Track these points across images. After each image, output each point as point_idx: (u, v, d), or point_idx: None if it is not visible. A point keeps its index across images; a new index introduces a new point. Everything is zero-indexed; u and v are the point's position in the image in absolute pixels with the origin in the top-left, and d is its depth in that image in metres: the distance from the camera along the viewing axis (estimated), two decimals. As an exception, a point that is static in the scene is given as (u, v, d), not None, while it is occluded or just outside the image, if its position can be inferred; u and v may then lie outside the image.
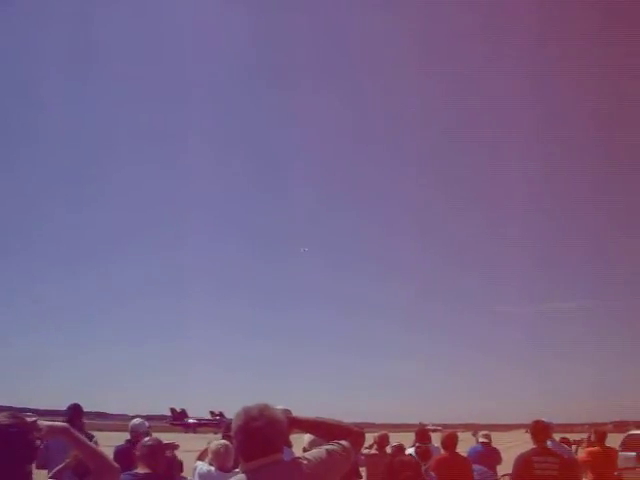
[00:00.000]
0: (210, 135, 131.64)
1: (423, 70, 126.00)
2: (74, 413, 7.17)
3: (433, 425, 58.12)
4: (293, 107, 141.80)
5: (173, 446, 5.55)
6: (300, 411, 2.73)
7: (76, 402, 7.25)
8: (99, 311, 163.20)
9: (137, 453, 4.47)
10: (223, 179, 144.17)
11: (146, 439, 4.74)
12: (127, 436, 6.96)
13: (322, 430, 2.60)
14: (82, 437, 2.66)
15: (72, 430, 2.61)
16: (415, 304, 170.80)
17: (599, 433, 8.80)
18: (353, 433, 2.50)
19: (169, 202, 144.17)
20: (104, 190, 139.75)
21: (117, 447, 6.59)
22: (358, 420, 59.72)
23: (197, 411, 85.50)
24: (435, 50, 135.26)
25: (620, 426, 52.97)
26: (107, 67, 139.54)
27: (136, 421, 7.12)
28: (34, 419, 2.42)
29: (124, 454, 6.04)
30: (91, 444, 2.72)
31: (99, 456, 2.67)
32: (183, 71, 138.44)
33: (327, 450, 2.38)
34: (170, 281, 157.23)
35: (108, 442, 7.08)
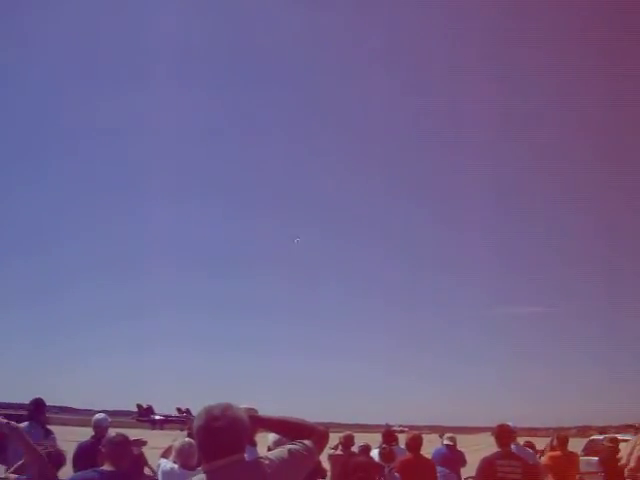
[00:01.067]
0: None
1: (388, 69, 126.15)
2: (36, 408, 7.03)
3: (400, 426, 58.71)
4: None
5: (141, 442, 5.49)
6: (267, 411, 2.71)
7: (39, 396, 7.13)
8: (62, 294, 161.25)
9: (103, 449, 4.41)
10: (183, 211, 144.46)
11: (112, 435, 4.67)
12: (92, 431, 6.87)
13: (286, 429, 2.58)
14: (22, 432, 2.64)
15: (12, 424, 2.59)
16: (382, 310, 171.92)
17: (561, 438, 8.90)
18: (316, 432, 2.49)
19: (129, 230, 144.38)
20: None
21: (80, 443, 6.49)
22: (325, 420, 59.82)
23: (164, 407, 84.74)
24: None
25: (583, 431, 53.98)
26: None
27: (99, 416, 7.03)
28: None
29: (87, 450, 5.96)
30: (27, 438, 2.70)
31: (33, 452, 2.66)
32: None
33: (289, 450, 2.37)
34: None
35: (72, 437, 6.98)
